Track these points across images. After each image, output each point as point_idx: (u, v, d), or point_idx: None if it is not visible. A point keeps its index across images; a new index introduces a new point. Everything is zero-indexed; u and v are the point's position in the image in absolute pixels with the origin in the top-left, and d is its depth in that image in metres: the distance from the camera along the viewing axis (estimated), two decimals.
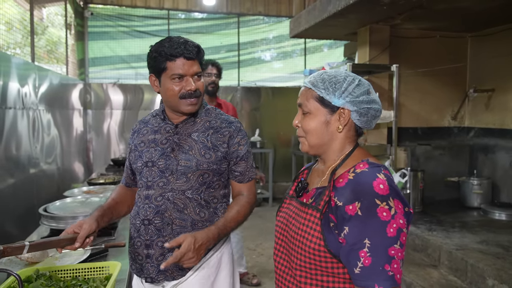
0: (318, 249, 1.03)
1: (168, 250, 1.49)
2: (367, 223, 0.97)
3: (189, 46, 1.47)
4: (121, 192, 1.73)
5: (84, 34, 6.57)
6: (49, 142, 4.09)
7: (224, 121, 1.59)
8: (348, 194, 1.01)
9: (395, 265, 0.96)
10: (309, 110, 1.12)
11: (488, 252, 3.35)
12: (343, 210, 1.00)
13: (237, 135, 1.58)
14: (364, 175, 1.03)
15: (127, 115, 6.78)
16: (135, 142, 1.64)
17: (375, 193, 0.99)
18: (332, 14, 4.18)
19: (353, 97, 1.09)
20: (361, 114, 1.11)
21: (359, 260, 0.97)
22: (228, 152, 1.56)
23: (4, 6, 3.19)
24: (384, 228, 0.96)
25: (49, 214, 2.28)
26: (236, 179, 1.62)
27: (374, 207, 0.97)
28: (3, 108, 2.90)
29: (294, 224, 1.13)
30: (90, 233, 1.41)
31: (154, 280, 1.53)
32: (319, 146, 1.14)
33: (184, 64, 1.47)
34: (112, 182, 3.53)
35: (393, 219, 0.97)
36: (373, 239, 0.96)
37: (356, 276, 0.98)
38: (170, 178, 1.51)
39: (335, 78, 1.11)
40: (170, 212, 1.50)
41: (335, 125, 1.12)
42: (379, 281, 0.95)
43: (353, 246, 0.98)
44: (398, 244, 0.97)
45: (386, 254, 0.96)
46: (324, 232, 1.03)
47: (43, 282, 1.52)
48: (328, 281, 1.05)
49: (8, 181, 3.00)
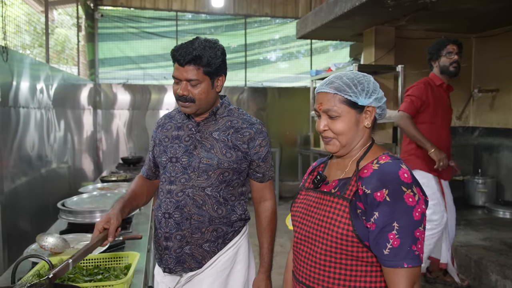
0: (346, 234, 1.12)
1: (186, 243, 1.58)
2: (395, 208, 1.07)
3: (183, 53, 1.49)
4: (140, 183, 1.80)
5: (94, 35, 6.69)
6: (61, 141, 4.20)
7: (246, 121, 1.63)
8: (375, 182, 1.10)
9: (419, 246, 1.07)
10: (339, 113, 1.19)
11: (492, 249, 3.42)
12: (372, 197, 1.09)
13: (258, 137, 1.62)
14: (389, 165, 1.13)
15: (135, 115, 6.90)
16: (159, 136, 1.71)
17: (401, 181, 1.09)
18: (339, 15, 4.26)
19: (376, 95, 1.20)
20: (382, 109, 1.23)
21: (388, 242, 1.07)
22: (249, 153, 1.61)
23: (15, 8, 3.28)
24: (411, 212, 1.07)
25: (67, 209, 2.38)
26: (258, 180, 1.69)
27: (401, 193, 1.08)
28: (18, 107, 3.00)
29: (317, 212, 1.21)
30: (118, 226, 1.50)
31: (172, 271, 1.61)
32: (349, 144, 1.22)
33: (177, 68, 1.53)
34: (124, 179, 3.63)
35: (417, 204, 1.08)
36: (401, 222, 1.06)
37: (385, 257, 1.08)
38: (192, 175, 1.58)
39: (357, 80, 1.20)
40: (189, 208, 1.58)
41: (364, 122, 1.22)
42: (407, 260, 1.05)
43: (383, 229, 1.08)
44: (422, 226, 1.08)
45: (413, 235, 1.06)
46: (352, 218, 1.12)
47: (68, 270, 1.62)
48: (352, 264, 1.14)
49: (23, 179, 3.09)
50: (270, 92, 7.52)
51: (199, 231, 1.58)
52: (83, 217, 2.32)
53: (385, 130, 4.98)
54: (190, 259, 1.59)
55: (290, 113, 7.38)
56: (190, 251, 1.59)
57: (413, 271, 1.06)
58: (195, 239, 1.59)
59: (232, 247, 1.64)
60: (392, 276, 1.08)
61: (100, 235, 1.47)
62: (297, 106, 7.31)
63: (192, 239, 1.59)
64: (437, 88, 3.13)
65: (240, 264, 1.67)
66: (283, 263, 4.18)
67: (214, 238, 1.60)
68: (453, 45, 3.08)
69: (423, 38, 5.07)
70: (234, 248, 1.65)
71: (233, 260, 1.65)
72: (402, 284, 1.06)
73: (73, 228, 2.30)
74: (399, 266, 1.06)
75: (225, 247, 1.62)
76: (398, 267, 1.06)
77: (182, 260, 1.59)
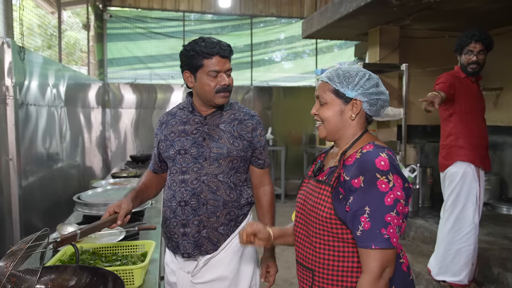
0: (330, 217, 1.22)
1: (202, 227, 1.70)
2: (367, 193, 1.14)
3: (224, 46, 1.67)
4: (149, 177, 1.92)
5: (103, 35, 6.81)
6: (73, 139, 4.29)
7: (247, 114, 1.80)
8: (354, 170, 1.18)
9: (391, 230, 1.13)
10: (326, 101, 1.30)
11: (495, 244, 3.48)
12: (350, 183, 1.18)
13: (259, 127, 1.80)
14: (368, 154, 1.20)
15: (142, 114, 7.01)
16: (164, 132, 1.82)
17: (376, 168, 1.15)
18: (344, 15, 4.34)
19: (364, 90, 1.27)
20: (371, 104, 1.28)
21: (360, 224, 1.15)
22: (253, 142, 1.76)
23: (27, 11, 3.37)
24: (382, 198, 1.14)
25: (83, 201, 2.48)
26: (259, 166, 1.84)
27: (375, 180, 1.15)
28: (34, 105, 3.09)
29: (311, 198, 1.31)
30: (128, 212, 1.60)
31: (191, 255, 1.72)
32: (335, 132, 1.31)
33: (219, 61, 1.65)
34: (135, 175, 3.72)
35: (391, 190, 1.14)
36: (372, 207, 1.14)
37: (357, 238, 1.16)
38: (204, 164, 1.70)
39: (348, 73, 1.28)
40: (205, 194, 1.69)
41: (348, 114, 1.29)
42: (376, 242, 1.13)
43: (356, 212, 1.16)
44: (395, 212, 1.14)
45: (383, 219, 1.13)
46: (334, 203, 1.22)
47: (88, 257, 1.71)
48: (338, 245, 1.23)
49: (37, 175, 3.17)
50: (275, 91, 7.61)
51: (215, 215, 1.70)
52: (97, 209, 2.43)
53: (390, 128, 5.06)
54: (207, 242, 1.70)
55: (295, 112, 7.46)
56: (207, 234, 1.70)
57: (382, 253, 1.13)
58: (211, 223, 1.70)
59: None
60: (363, 256, 1.16)
61: (109, 217, 1.56)
62: (302, 105, 7.39)
63: (208, 223, 1.70)
64: (464, 80, 3.09)
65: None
66: (289, 258, 4.29)
67: (227, 221, 1.72)
68: (476, 44, 2.96)
69: (427, 38, 5.14)
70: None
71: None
72: (371, 264, 1.14)
73: (88, 220, 2.39)
74: (368, 247, 1.13)
75: (236, 230, 1.74)
76: (367, 248, 1.14)
77: (200, 244, 1.70)
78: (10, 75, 2.49)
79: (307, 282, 1.31)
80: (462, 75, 3.09)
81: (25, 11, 3.35)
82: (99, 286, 1.30)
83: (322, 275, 1.26)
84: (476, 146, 3.02)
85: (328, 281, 1.25)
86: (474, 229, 3.02)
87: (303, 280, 1.33)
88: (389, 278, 1.17)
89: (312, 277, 1.29)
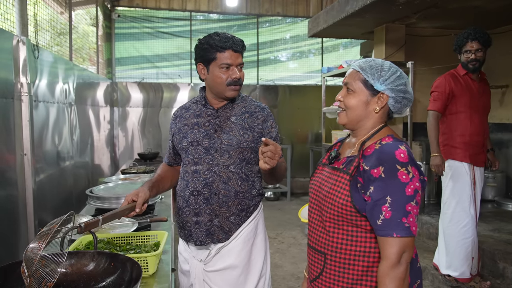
0: (346, 204, 1.26)
1: (214, 216, 1.75)
2: (388, 183, 1.18)
3: (236, 41, 1.74)
4: (165, 169, 1.98)
5: (111, 35, 6.90)
6: (83, 137, 4.36)
7: (257, 106, 1.85)
8: (374, 160, 1.22)
9: (411, 219, 1.18)
10: (354, 89, 1.33)
11: (500, 239, 3.51)
12: (369, 173, 1.22)
13: (269, 118, 1.84)
14: (388, 146, 1.24)
15: (149, 113, 7.09)
16: (178, 125, 1.88)
17: (397, 160, 1.20)
18: (350, 14, 4.38)
19: (393, 86, 1.30)
20: (397, 101, 1.31)
21: (381, 213, 1.19)
22: (264, 133, 1.80)
23: (38, 10, 3.44)
24: (403, 188, 1.18)
25: (96, 195, 2.55)
26: None
27: (395, 171, 1.19)
28: (47, 102, 3.16)
29: (326, 185, 1.35)
30: (145, 200, 1.65)
31: (203, 243, 1.77)
32: (356, 121, 1.34)
33: (231, 55, 1.72)
34: (144, 171, 3.79)
35: (411, 181, 1.19)
36: (393, 197, 1.18)
37: (378, 227, 1.20)
38: (215, 155, 1.76)
39: (381, 66, 1.31)
40: (217, 184, 1.75)
41: (373, 106, 1.32)
42: (397, 231, 1.17)
43: (377, 202, 1.20)
44: (414, 202, 1.18)
45: (404, 209, 1.18)
46: (352, 191, 1.26)
47: (103, 246, 1.77)
48: (352, 230, 1.28)
49: (49, 171, 3.23)
50: (281, 90, 7.66)
51: (226, 205, 1.75)
52: (109, 202, 2.49)
53: (395, 126, 5.09)
54: (219, 231, 1.76)
55: (301, 110, 7.51)
56: (219, 223, 1.76)
57: (403, 241, 1.17)
58: (223, 212, 1.75)
59: (254, 220, 1.82)
60: (383, 244, 1.20)
61: (128, 205, 1.61)
62: (308, 104, 7.45)
63: (220, 212, 1.75)
64: (463, 77, 3.16)
65: (260, 234, 1.86)
66: (296, 254, 4.34)
67: (238, 211, 1.77)
68: (472, 43, 3.07)
69: (433, 36, 5.17)
70: (255, 220, 1.83)
71: (255, 231, 1.83)
72: (391, 250, 1.18)
73: (100, 213, 2.43)
74: (389, 236, 1.17)
75: (247, 220, 1.79)
76: (388, 236, 1.18)
77: (212, 232, 1.76)
78: (25, 73, 2.56)
79: (319, 266, 1.35)
80: (462, 73, 3.18)
81: (37, 9, 3.42)
82: (117, 270, 1.35)
83: (334, 259, 1.30)
84: (468, 145, 3.13)
85: (340, 264, 1.29)
86: (471, 222, 3.09)
87: (314, 264, 1.37)
88: (407, 263, 1.20)
89: (324, 261, 1.33)
